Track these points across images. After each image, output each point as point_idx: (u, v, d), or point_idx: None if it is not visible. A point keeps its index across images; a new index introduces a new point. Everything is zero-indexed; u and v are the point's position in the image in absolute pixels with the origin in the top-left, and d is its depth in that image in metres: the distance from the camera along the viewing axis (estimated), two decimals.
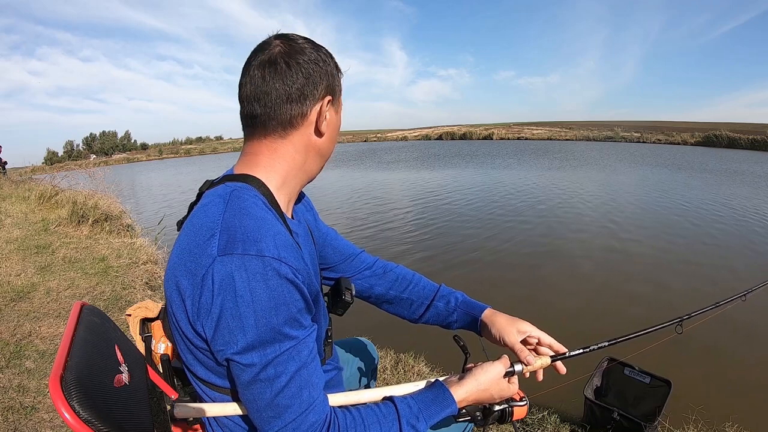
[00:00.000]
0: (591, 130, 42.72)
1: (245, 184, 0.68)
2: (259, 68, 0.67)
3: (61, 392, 0.55)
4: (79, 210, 5.27)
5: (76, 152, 65.07)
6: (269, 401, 0.59)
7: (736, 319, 3.40)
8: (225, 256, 0.57)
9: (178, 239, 0.66)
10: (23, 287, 3.14)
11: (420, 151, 29.56)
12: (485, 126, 58.33)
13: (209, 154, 58.29)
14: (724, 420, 2.18)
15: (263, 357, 0.58)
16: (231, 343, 0.58)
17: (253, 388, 0.60)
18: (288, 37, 0.70)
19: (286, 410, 0.59)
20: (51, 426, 1.76)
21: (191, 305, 0.60)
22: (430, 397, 0.71)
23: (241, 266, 0.57)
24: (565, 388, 2.54)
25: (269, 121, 0.68)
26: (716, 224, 6.83)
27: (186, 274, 0.60)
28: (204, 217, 0.63)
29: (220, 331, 0.58)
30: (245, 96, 0.68)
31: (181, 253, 0.62)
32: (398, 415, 0.66)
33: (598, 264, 5.16)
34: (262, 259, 0.58)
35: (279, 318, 0.58)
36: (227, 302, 0.57)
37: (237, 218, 0.61)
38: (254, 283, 0.57)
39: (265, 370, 0.59)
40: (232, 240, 0.59)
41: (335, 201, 10.22)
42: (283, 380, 0.59)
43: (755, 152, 24.17)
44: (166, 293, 0.65)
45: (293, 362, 0.60)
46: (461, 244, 6.05)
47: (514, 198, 9.52)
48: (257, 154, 0.71)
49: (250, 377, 0.59)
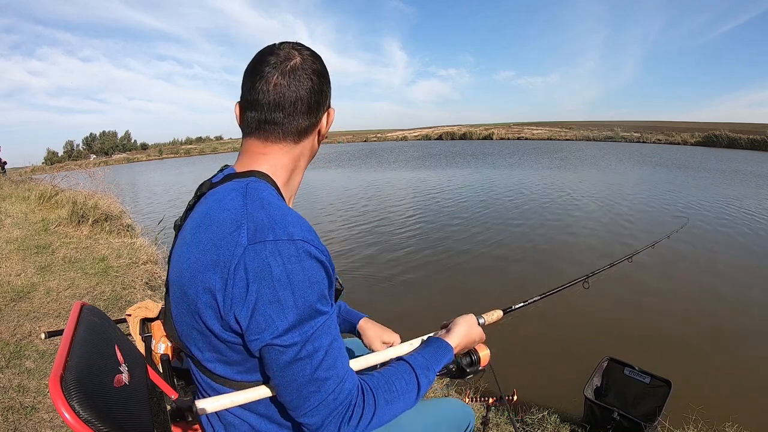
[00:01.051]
0: (591, 130, 42.74)
1: (256, 178, 0.70)
2: (283, 77, 0.68)
3: (61, 392, 0.55)
4: (79, 210, 5.26)
5: (76, 152, 65.02)
6: (309, 377, 0.61)
7: (630, 276, 4.40)
8: (257, 244, 0.59)
9: (194, 237, 0.66)
10: (23, 287, 3.14)
11: (421, 151, 29.56)
12: (485, 126, 58.35)
13: (209, 154, 58.32)
14: (724, 420, 2.18)
15: (302, 335, 0.61)
16: (270, 327, 0.60)
17: (293, 368, 0.61)
18: (301, 46, 0.73)
19: (325, 383, 0.62)
20: (51, 426, 1.76)
21: (222, 298, 0.60)
22: (433, 349, 0.81)
23: (275, 251, 0.59)
24: (565, 388, 2.56)
25: (288, 129, 0.71)
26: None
27: (213, 268, 0.61)
28: (224, 211, 0.64)
29: (256, 318, 0.59)
30: (266, 102, 0.69)
31: (203, 250, 0.63)
32: (413, 368, 0.74)
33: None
34: (294, 243, 0.61)
35: (313, 295, 0.61)
36: (264, 288, 0.59)
37: (260, 208, 0.63)
38: (290, 266, 0.59)
39: (305, 347, 0.61)
40: (261, 228, 0.61)
41: (337, 201, 10.22)
42: (320, 355, 0.62)
43: (755, 152, 24.18)
44: (188, 293, 0.65)
45: (327, 336, 0.63)
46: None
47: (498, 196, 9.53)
48: (265, 154, 0.73)
49: (290, 357, 0.61)
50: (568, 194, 10.02)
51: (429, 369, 0.76)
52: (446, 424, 1.00)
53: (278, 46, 0.72)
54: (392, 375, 0.73)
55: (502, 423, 2.03)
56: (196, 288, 0.63)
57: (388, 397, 0.69)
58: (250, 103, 0.70)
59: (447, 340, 0.84)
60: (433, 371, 0.77)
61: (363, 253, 5.87)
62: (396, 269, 5.16)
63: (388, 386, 0.70)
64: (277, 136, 0.72)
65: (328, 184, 13.75)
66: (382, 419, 0.68)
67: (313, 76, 0.70)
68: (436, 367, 0.78)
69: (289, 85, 0.68)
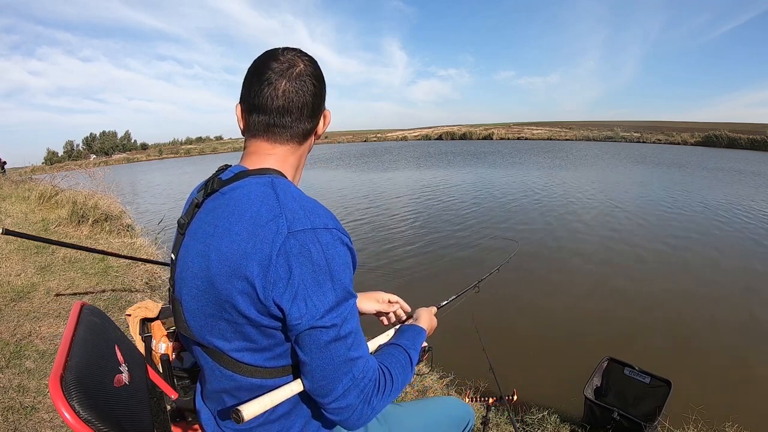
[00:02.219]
0: (591, 130, 42.75)
1: (275, 175, 0.73)
2: (290, 84, 0.72)
3: (61, 392, 0.55)
4: (79, 210, 5.26)
5: (76, 152, 65.01)
6: (344, 357, 0.66)
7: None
8: (297, 233, 0.64)
9: (223, 230, 0.67)
10: (23, 287, 3.14)
11: (423, 151, 29.58)
12: (485, 126, 58.37)
13: (209, 154, 58.33)
14: (724, 420, 2.18)
15: (340, 316, 0.65)
16: (312, 310, 0.63)
17: (332, 347, 0.65)
18: (301, 52, 0.76)
19: (356, 362, 0.68)
20: (51, 426, 1.76)
21: (262, 284, 0.63)
22: (412, 333, 0.92)
23: (314, 239, 0.64)
24: (565, 388, 2.56)
25: (295, 131, 0.75)
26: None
27: (251, 255, 0.63)
28: (255, 203, 0.67)
29: (298, 302, 0.63)
30: (275, 107, 0.72)
31: (237, 240, 0.65)
32: (404, 348, 0.84)
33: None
34: (330, 231, 0.66)
35: (347, 278, 0.67)
36: (305, 273, 0.63)
37: (293, 200, 0.68)
38: (328, 252, 0.65)
39: (342, 328, 0.66)
40: (298, 218, 0.65)
41: (342, 201, 10.23)
42: (352, 336, 0.68)
43: (755, 152, 24.18)
44: (216, 283, 0.66)
45: (355, 317, 0.69)
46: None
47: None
48: (274, 154, 0.76)
49: (331, 337, 0.65)
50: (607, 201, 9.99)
51: (414, 349, 0.87)
52: (446, 422, 1.01)
53: (281, 52, 0.74)
54: (392, 354, 0.81)
55: (502, 423, 2.03)
56: (229, 277, 0.65)
57: (398, 371, 0.77)
58: (256, 106, 0.73)
59: (419, 325, 0.97)
60: (416, 350, 0.88)
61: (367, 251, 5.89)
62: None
63: (395, 362, 0.78)
64: (285, 138, 0.75)
65: (327, 183, 13.75)
66: (397, 391, 0.76)
67: (315, 81, 0.75)
68: (417, 346, 0.89)
69: (297, 91, 0.72)
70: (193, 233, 0.72)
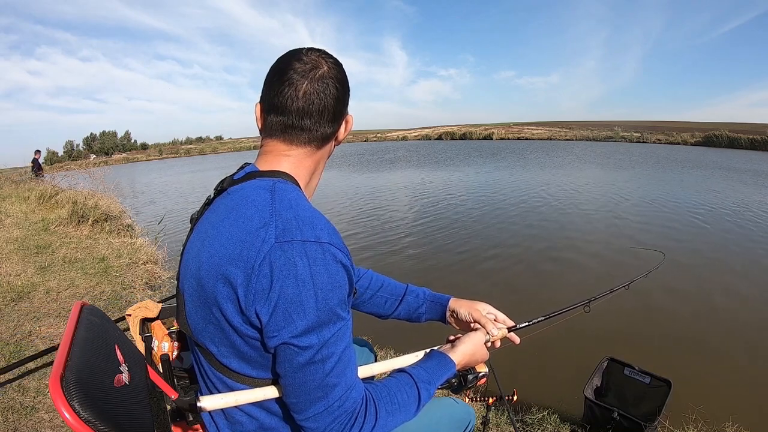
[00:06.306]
0: (591, 130, 42.74)
1: (282, 179, 0.71)
2: (312, 86, 0.70)
3: (61, 392, 0.55)
4: (79, 210, 5.27)
5: (76, 152, 64.90)
6: (320, 382, 0.62)
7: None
8: (284, 243, 0.60)
9: (217, 231, 0.66)
10: (23, 287, 3.14)
11: (421, 151, 29.57)
12: (485, 126, 58.34)
13: (209, 154, 58.32)
14: (724, 420, 2.18)
15: (320, 338, 0.61)
16: (289, 326, 0.60)
17: (306, 370, 0.62)
18: (326, 54, 0.74)
19: (333, 389, 0.62)
20: (51, 426, 1.76)
21: (244, 292, 0.61)
22: (435, 363, 0.81)
23: (302, 252, 0.60)
24: (565, 388, 2.56)
25: (314, 135, 0.73)
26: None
27: (237, 262, 0.61)
28: (250, 208, 0.65)
29: (276, 315, 0.60)
30: (295, 108, 0.70)
31: (227, 244, 0.63)
32: (415, 381, 0.75)
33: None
34: (321, 245, 0.62)
35: (335, 299, 0.62)
36: (287, 287, 0.59)
37: (288, 207, 0.64)
38: (315, 268, 0.60)
39: (321, 351, 0.61)
40: (289, 228, 0.62)
41: (342, 201, 10.23)
42: (333, 360, 0.62)
43: (756, 152, 24.18)
44: (205, 286, 0.65)
45: (341, 342, 0.64)
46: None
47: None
48: (289, 156, 0.74)
49: (306, 359, 0.61)
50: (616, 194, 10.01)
51: (430, 383, 0.77)
52: (447, 423, 1.00)
53: (304, 53, 0.72)
54: (394, 386, 0.73)
55: (502, 423, 2.03)
56: (215, 281, 0.63)
57: (390, 408, 0.70)
58: (275, 106, 0.71)
59: (450, 355, 0.84)
60: (434, 385, 0.78)
61: (361, 254, 5.88)
62: (396, 270, 5.16)
63: (389, 398, 0.71)
64: (303, 141, 0.73)
65: (328, 183, 13.75)
66: (382, 429, 0.69)
67: (338, 84, 0.72)
68: (437, 381, 0.79)
69: (318, 93, 0.70)
70: (198, 230, 0.72)
